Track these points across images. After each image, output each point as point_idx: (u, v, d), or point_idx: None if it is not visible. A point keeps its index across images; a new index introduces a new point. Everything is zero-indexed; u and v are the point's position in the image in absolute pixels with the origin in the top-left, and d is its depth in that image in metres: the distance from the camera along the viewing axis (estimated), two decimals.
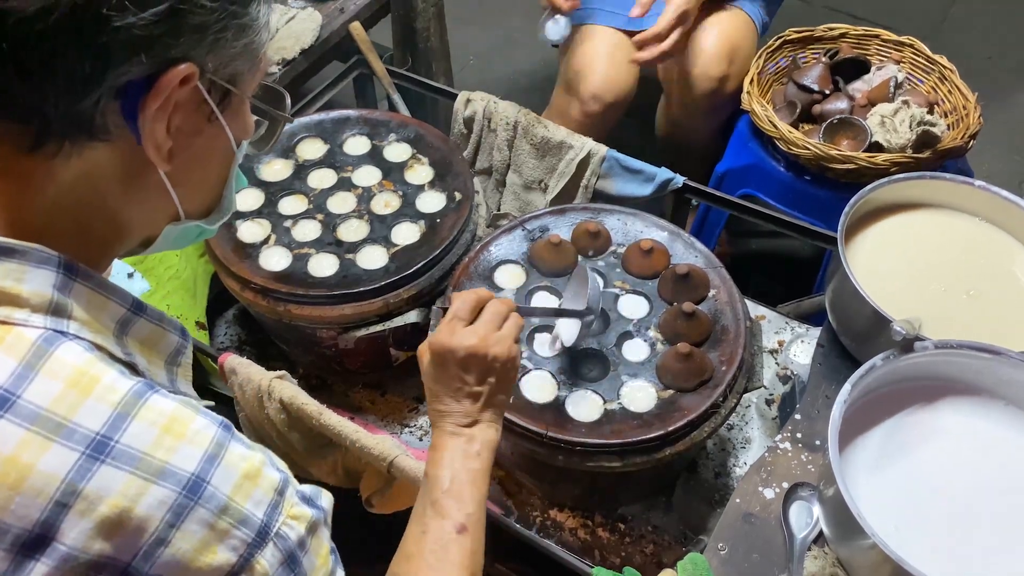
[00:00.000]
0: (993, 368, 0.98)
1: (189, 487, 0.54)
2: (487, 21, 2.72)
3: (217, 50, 0.56)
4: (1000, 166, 2.20)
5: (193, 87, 0.56)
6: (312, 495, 0.64)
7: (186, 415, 0.57)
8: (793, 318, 1.47)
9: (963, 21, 2.70)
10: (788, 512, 0.99)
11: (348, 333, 1.24)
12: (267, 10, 0.59)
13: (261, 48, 0.61)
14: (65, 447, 0.51)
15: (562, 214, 1.29)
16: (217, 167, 0.67)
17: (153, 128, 0.56)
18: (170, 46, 0.53)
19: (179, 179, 0.62)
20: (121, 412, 0.54)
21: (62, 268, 0.56)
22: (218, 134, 0.62)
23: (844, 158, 1.43)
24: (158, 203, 0.63)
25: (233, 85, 0.60)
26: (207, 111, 0.60)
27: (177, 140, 0.58)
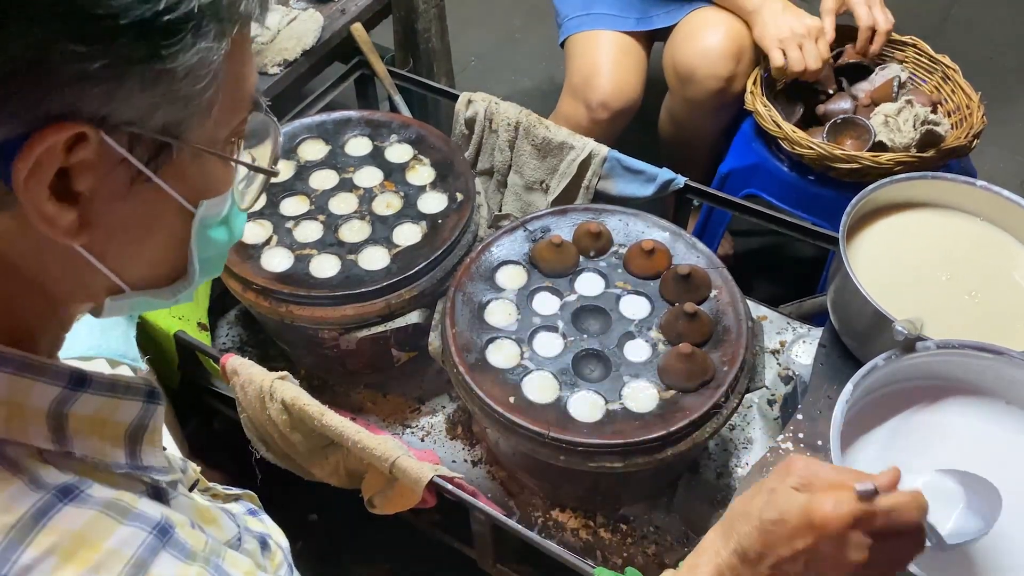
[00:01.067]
0: (995, 368, 0.98)
1: None
2: (488, 22, 2.73)
3: (120, 102, 0.45)
4: (1002, 166, 2.20)
5: (98, 145, 0.45)
6: None
7: (101, 531, 0.47)
8: (795, 318, 1.47)
9: (964, 21, 2.70)
10: None
11: (350, 334, 1.25)
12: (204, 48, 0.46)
13: (203, 93, 0.48)
14: None
15: (563, 214, 1.29)
16: (164, 232, 0.54)
17: (34, 199, 0.45)
18: (35, 101, 0.43)
19: (106, 250, 0.51)
20: (13, 539, 0.45)
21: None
22: (155, 196, 0.50)
23: (848, 157, 1.43)
24: (88, 276, 0.52)
25: (172, 137, 0.48)
26: (132, 172, 0.48)
27: (89, 207, 0.47)
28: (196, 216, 0.54)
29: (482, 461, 1.32)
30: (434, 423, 1.37)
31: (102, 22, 0.42)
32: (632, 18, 1.73)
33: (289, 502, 1.06)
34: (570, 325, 1.16)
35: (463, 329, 1.15)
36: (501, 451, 1.27)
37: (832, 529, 0.63)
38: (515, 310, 1.18)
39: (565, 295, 1.20)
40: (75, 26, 0.42)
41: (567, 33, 1.77)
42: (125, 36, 0.43)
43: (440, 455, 1.32)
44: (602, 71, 1.67)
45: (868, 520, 0.63)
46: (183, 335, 1.30)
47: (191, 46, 0.45)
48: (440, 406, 1.39)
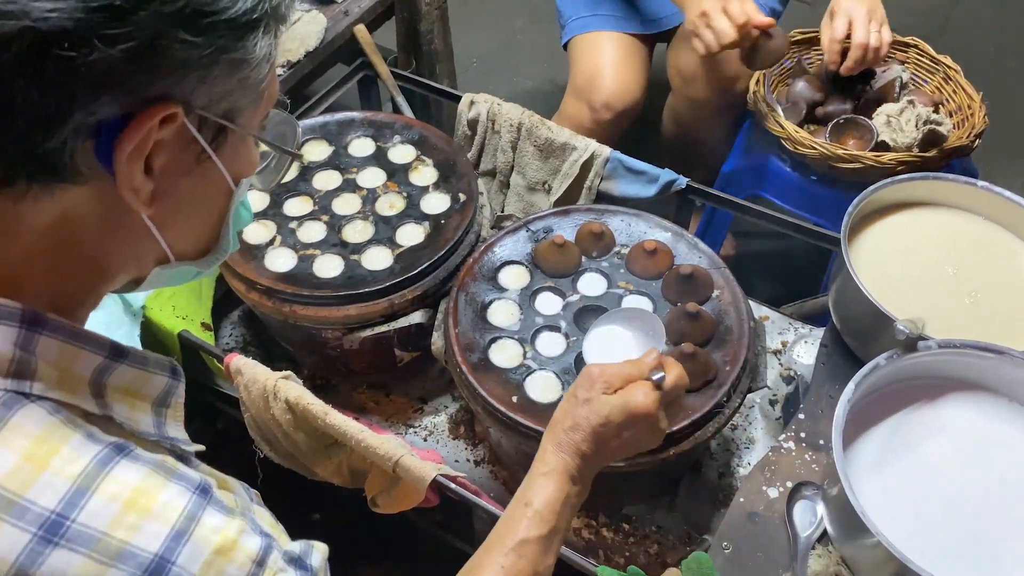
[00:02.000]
0: (996, 367, 0.98)
1: (151, 570, 0.50)
2: (491, 24, 2.73)
3: (206, 86, 0.52)
4: (1003, 166, 2.20)
5: (179, 126, 0.52)
6: (302, 553, 0.60)
7: (154, 485, 0.52)
8: (796, 318, 1.47)
9: (965, 23, 2.71)
10: (792, 511, 1.00)
11: (353, 334, 1.25)
12: (268, 43, 0.54)
13: (262, 82, 0.56)
14: (16, 528, 0.48)
15: (566, 215, 1.29)
16: (211, 207, 0.62)
17: (129, 171, 0.51)
18: (147, 84, 0.49)
19: (165, 222, 0.57)
20: (80, 486, 0.50)
21: (25, 322, 0.52)
22: (211, 173, 0.58)
23: (851, 157, 1.43)
24: (143, 246, 0.58)
25: (230, 121, 0.56)
26: (197, 150, 0.55)
27: (161, 181, 0.54)
28: (236, 194, 0.62)
29: (485, 461, 1.32)
30: (437, 423, 1.37)
31: (208, 16, 0.49)
32: (635, 20, 1.74)
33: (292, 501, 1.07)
34: (572, 325, 1.17)
35: (466, 329, 1.15)
36: (504, 451, 1.27)
37: (649, 414, 0.80)
38: (518, 310, 1.19)
39: (567, 295, 1.20)
40: (190, 18, 0.49)
41: (570, 34, 1.78)
42: (223, 29, 0.50)
43: (443, 455, 1.32)
44: (605, 72, 1.68)
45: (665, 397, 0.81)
46: (187, 335, 1.30)
47: (262, 39, 0.53)
48: (443, 406, 1.40)
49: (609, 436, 0.80)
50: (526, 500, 0.78)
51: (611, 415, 0.79)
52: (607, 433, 0.79)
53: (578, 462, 0.79)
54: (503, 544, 0.76)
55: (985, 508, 0.93)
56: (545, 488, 0.78)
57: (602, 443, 0.80)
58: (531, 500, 0.78)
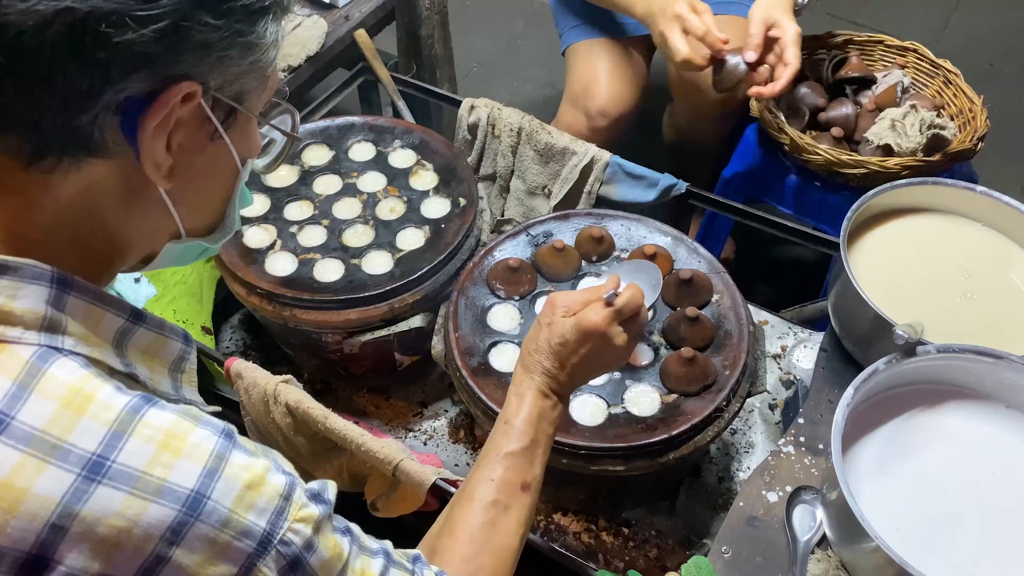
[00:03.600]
0: (995, 372, 0.98)
1: (189, 504, 0.53)
2: (491, 28, 2.74)
3: (222, 68, 0.56)
4: (1001, 172, 2.21)
5: (196, 105, 0.56)
6: (319, 490, 0.63)
7: (184, 428, 0.56)
8: (796, 323, 1.47)
9: (964, 28, 2.71)
10: (791, 515, 1.00)
11: (353, 338, 1.25)
12: (276, 28, 0.58)
13: (269, 66, 0.60)
14: (60, 469, 0.51)
15: (566, 219, 1.29)
16: (220, 185, 0.66)
17: (152, 145, 0.55)
18: (172, 63, 0.53)
19: (180, 197, 0.61)
20: (117, 430, 0.53)
21: (55, 283, 0.55)
22: (222, 152, 0.62)
23: (855, 163, 1.43)
24: (158, 221, 0.62)
25: (239, 103, 0.59)
26: (211, 129, 0.59)
27: (178, 158, 0.57)
28: (242, 172, 0.66)
29: None
30: (437, 427, 1.38)
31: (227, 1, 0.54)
32: (631, 25, 1.74)
33: None
34: None
35: (466, 333, 1.16)
36: None
37: (600, 330, 0.87)
38: (518, 314, 1.19)
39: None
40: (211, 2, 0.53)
41: (567, 43, 1.78)
42: (240, 13, 0.55)
43: (442, 459, 1.32)
44: (600, 79, 1.68)
45: (617, 314, 0.88)
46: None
47: (271, 25, 0.58)
48: (443, 410, 1.40)
49: (568, 354, 0.87)
50: (504, 419, 0.85)
51: (566, 333, 0.87)
52: (565, 351, 0.87)
53: (545, 379, 0.87)
54: (488, 459, 0.82)
55: (984, 512, 0.93)
56: (520, 406, 0.85)
57: (563, 360, 0.87)
58: (508, 418, 0.85)
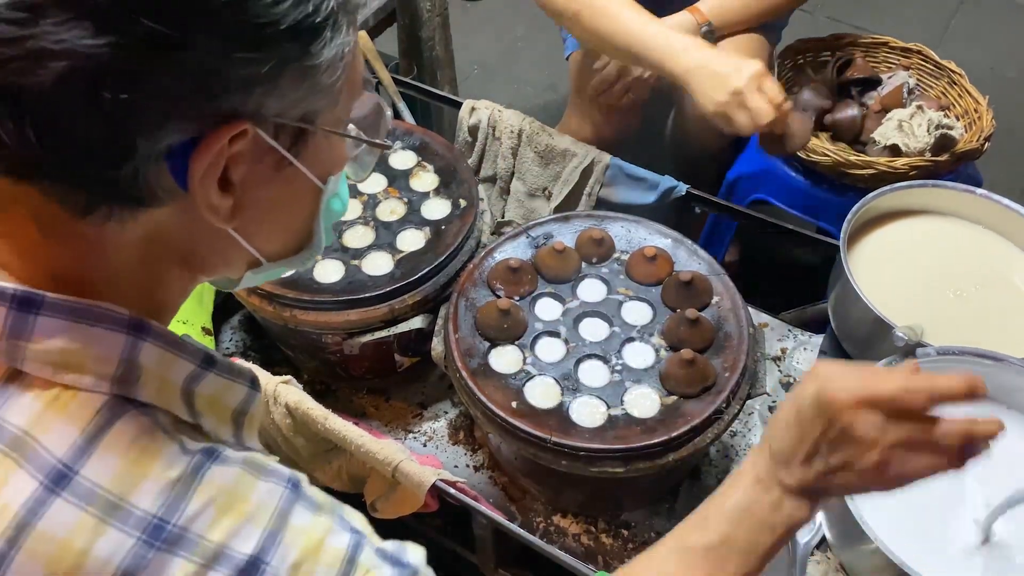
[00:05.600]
0: (995, 374, 0.98)
1: (246, 569, 0.51)
2: (491, 31, 2.74)
3: (274, 98, 0.50)
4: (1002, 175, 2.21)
5: (252, 138, 0.50)
6: (396, 552, 0.59)
7: (246, 486, 0.53)
8: (796, 325, 1.47)
9: (965, 31, 2.72)
10: None
11: (353, 339, 1.25)
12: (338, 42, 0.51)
13: (336, 82, 0.53)
14: (120, 532, 0.49)
15: (566, 221, 1.29)
16: (299, 210, 0.60)
17: (204, 191, 0.51)
18: (208, 107, 0.48)
19: (251, 230, 0.57)
20: (179, 492, 0.51)
21: (131, 328, 0.53)
22: (295, 177, 0.56)
23: (864, 163, 1.43)
24: (232, 254, 0.58)
25: (309, 123, 0.54)
26: (276, 157, 0.53)
27: (241, 194, 0.53)
28: (325, 192, 0.60)
29: (484, 466, 1.32)
30: (436, 428, 1.38)
31: (267, 29, 0.47)
32: None
33: None
34: (572, 331, 1.17)
35: (466, 334, 1.16)
36: (503, 456, 1.27)
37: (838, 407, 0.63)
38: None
39: (567, 301, 1.20)
40: (245, 35, 0.46)
41: (571, 49, 1.78)
42: (283, 39, 0.48)
43: (442, 460, 1.32)
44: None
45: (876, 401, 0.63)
46: (187, 339, 1.30)
47: (330, 41, 0.50)
48: (442, 411, 1.40)
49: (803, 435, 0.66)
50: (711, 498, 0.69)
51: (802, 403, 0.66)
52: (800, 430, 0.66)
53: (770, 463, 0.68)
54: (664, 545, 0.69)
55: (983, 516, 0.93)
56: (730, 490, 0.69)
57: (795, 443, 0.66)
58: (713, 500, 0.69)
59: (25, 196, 0.49)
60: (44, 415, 0.50)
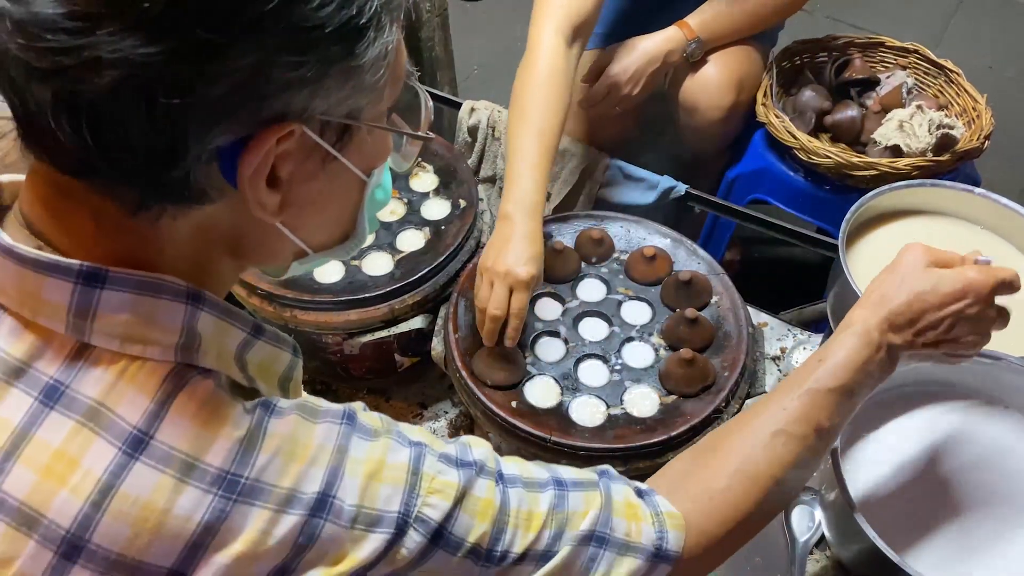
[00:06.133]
0: (994, 373, 0.98)
1: (316, 507, 0.54)
2: (491, 31, 2.75)
3: (320, 98, 0.52)
4: (1001, 175, 2.21)
5: (299, 137, 0.53)
6: (459, 453, 0.62)
7: (305, 432, 0.56)
8: (795, 325, 1.48)
9: (964, 31, 2.72)
10: (790, 516, 1.00)
11: (353, 339, 1.25)
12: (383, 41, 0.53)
13: (379, 80, 0.55)
14: (198, 489, 0.52)
15: (565, 221, 1.30)
16: (344, 203, 0.63)
17: (253, 190, 0.53)
18: (256, 109, 0.50)
19: (298, 223, 0.59)
20: (247, 447, 0.54)
21: (189, 299, 0.55)
22: (340, 172, 0.58)
23: (866, 164, 1.44)
24: (280, 246, 0.61)
25: (354, 119, 0.56)
26: (323, 153, 0.56)
27: (289, 190, 0.55)
28: (369, 184, 0.62)
29: None
30: (436, 428, 1.38)
31: (312, 32, 0.48)
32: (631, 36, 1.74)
33: None
34: (572, 330, 1.17)
35: (466, 334, 1.16)
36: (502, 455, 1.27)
37: (983, 291, 0.74)
38: None
39: (567, 301, 1.21)
40: (291, 38, 0.48)
41: None
42: (328, 42, 0.49)
43: None
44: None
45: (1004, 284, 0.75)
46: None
47: (374, 41, 0.52)
48: (443, 411, 1.40)
49: (929, 308, 0.74)
50: (820, 356, 0.74)
51: (941, 282, 0.74)
52: (929, 303, 0.74)
53: (885, 325, 0.74)
54: (788, 391, 0.73)
55: (983, 513, 0.93)
56: (841, 347, 0.74)
57: (919, 314, 0.74)
58: (825, 356, 0.74)
59: (83, 193, 0.52)
60: (116, 386, 0.52)
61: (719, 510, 0.69)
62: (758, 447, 0.71)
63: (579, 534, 0.64)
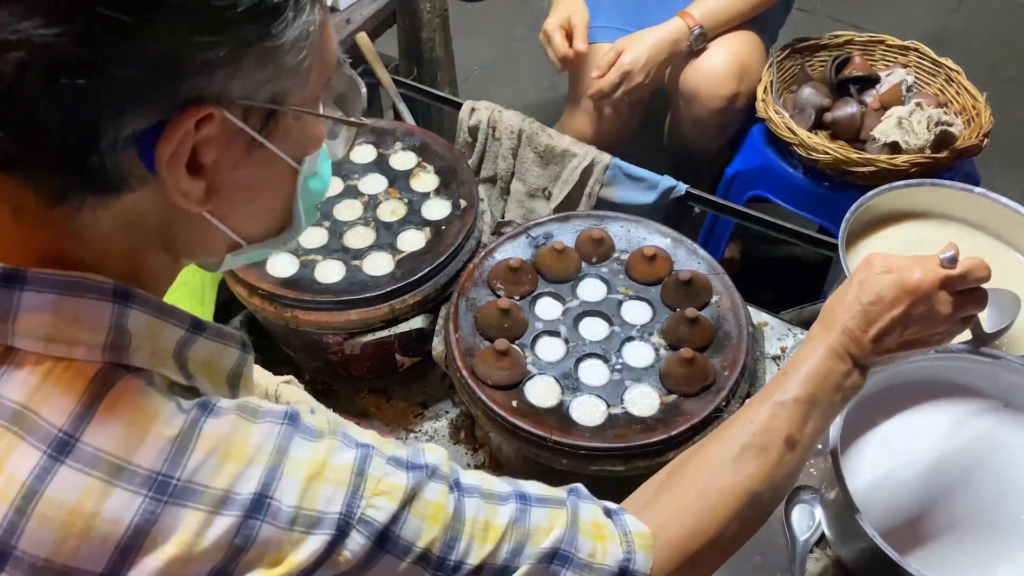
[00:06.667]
0: (992, 372, 0.99)
1: (252, 508, 0.53)
2: (492, 32, 2.75)
3: (238, 81, 0.50)
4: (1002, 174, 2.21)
5: (220, 121, 0.51)
6: (411, 456, 0.60)
7: (243, 431, 0.55)
8: (796, 324, 1.48)
9: (964, 31, 2.72)
10: (790, 515, 1.00)
11: (354, 339, 1.26)
12: (301, 21, 0.51)
13: (302, 63, 0.53)
14: (127, 491, 0.50)
15: (566, 221, 1.30)
16: (275, 191, 0.61)
17: (173, 176, 0.51)
18: (170, 91, 0.48)
19: (227, 213, 0.58)
20: (179, 447, 0.52)
21: (117, 296, 0.54)
22: (268, 159, 0.57)
23: (865, 161, 1.44)
24: (212, 237, 0.59)
25: (279, 104, 0.54)
26: (247, 140, 0.54)
27: (214, 177, 0.54)
28: (301, 172, 0.60)
29: (485, 465, 1.33)
30: (437, 428, 1.38)
31: (224, 12, 0.47)
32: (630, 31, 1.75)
33: None
34: (572, 330, 1.17)
35: (466, 334, 1.16)
36: (504, 455, 1.27)
37: (924, 290, 0.74)
38: None
39: (567, 300, 1.21)
40: (202, 20, 0.47)
41: None
42: (242, 22, 0.48)
43: None
44: None
45: (950, 281, 0.76)
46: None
47: (293, 21, 0.51)
48: (443, 411, 1.40)
49: (878, 314, 0.75)
50: (785, 369, 0.76)
51: (882, 290, 0.75)
52: (876, 310, 0.75)
53: (844, 339, 0.75)
54: (755, 405, 0.73)
55: (982, 512, 0.93)
56: (805, 360, 0.75)
57: (871, 320, 0.75)
58: (789, 369, 0.75)
59: (3, 185, 0.51)
60: (40, 388, 0.51)
61: (689, 525, 0.68)
62: (727, 461, 0.71)
63: (541, 551, 0.62)
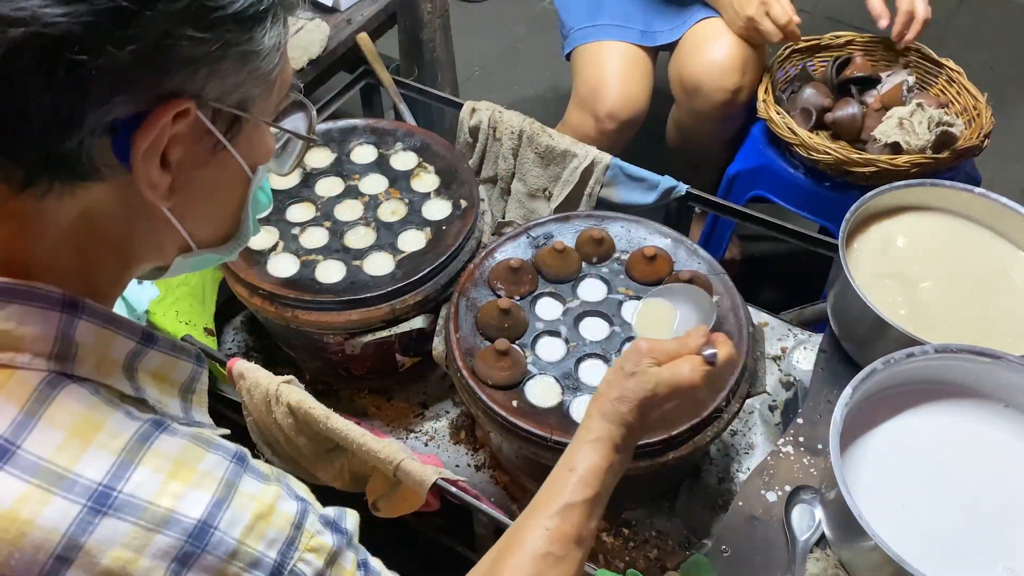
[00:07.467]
0: (992, 372, 0.99)
1: (195, 534, 0.52)
2: (492, 32, 2.75)
3: (217, 80, 0.53)
4: (1001, 174, 2.21)
5: (193, 119, 0.53)
6: (336, 518, 0.63)
7: (194, 455, 0.55)
8: (796, 324, 1.48)
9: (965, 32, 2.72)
10: (790, 515, 1.00)
11: (355, 339, 1.26)
12: (277, 32, 0.55)
13: (272, 71, 0.57)
14: (66, 500, 0.50)
15: (566, 221, 1.30)
16: (229, 196, 0.63)
17: (146, 167, 0.52)
18: (158, 82, 0.50)
19: (185, 212, 0.59)
20: (124, 460, 0.52)
21: (65, 306, 0.54)
22: (228, 163, 0.59)
23: (866, 161, 1.44)
24: (165, 236, 0.60)
25: (243, 111, 0.57)
26: (212, 141, 0.56)
27: (179, 174, 0.55)
28: (253, 181, 0.63)
29: (485, 465, 1.33)
30: (438, 428, 1.38)
31: (215, 12, 0.50)
32: (637, 30, 1.75)
33: None
34: (572, 330, 1.17)
35: (466, 334, 1.16)
36: (504, 455, 1.28)
37: (693, 388, 0.79)
38: None
39: (568, 301, 1.21)
40: (196, 15, 0.49)
41: (573, 44, 1.78)
42: (231, 22, 0.51)
43: (443, 460, 1.33)
44: (609, 82, 1.69)
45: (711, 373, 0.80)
46: (190, 339, 1.31)
47: (271, 30, 0.55)
48: (444, 411, 1.40)
49: (652, 407, 0.79)
50: (570, 466, 0.78)
51: (657, 388, 0.79)
52: (650, 404, 0.79)
53: (623, 431, 0.79)
54: (547, 508, 0.76)
55: (982, 511, 0.94)
56: (590, 455, 0.78)
57: (646, 414, 0.80)
58: (575, 466, 0.78)
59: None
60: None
61: None
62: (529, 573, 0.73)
63: None
